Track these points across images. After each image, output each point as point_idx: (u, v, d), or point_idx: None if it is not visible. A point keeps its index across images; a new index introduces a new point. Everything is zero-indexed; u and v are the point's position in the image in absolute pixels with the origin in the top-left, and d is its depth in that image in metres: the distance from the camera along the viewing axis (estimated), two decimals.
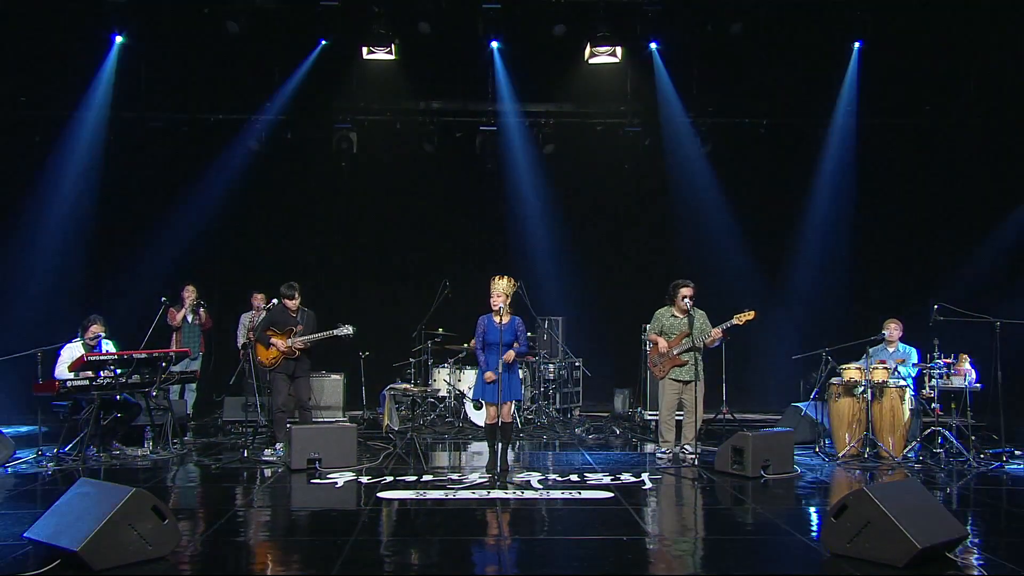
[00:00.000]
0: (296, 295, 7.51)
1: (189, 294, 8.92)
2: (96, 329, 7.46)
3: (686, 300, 7.30)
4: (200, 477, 6.64)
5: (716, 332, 7.17)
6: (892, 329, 7.83)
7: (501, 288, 6.51)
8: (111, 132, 10.22)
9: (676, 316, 7.44)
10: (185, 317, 8.85)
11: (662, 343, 7.36)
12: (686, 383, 7.32)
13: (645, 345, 7.61)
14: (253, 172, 10.82)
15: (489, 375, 6.48)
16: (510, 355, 6.53)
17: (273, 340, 7.45)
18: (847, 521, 4.24)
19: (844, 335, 7.89)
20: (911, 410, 7.32)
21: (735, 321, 7.11)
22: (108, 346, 7.57)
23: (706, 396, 7.45)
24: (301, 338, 7.42)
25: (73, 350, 7.32)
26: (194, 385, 8.79)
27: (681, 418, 7.49)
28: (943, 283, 9.82)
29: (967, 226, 10.63)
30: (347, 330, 7.49)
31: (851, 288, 10.95)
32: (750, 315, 7.08)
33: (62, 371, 7.13)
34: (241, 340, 9.30)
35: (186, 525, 4.98)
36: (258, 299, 9.17)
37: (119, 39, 9.60)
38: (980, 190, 10.41)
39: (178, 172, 10.77)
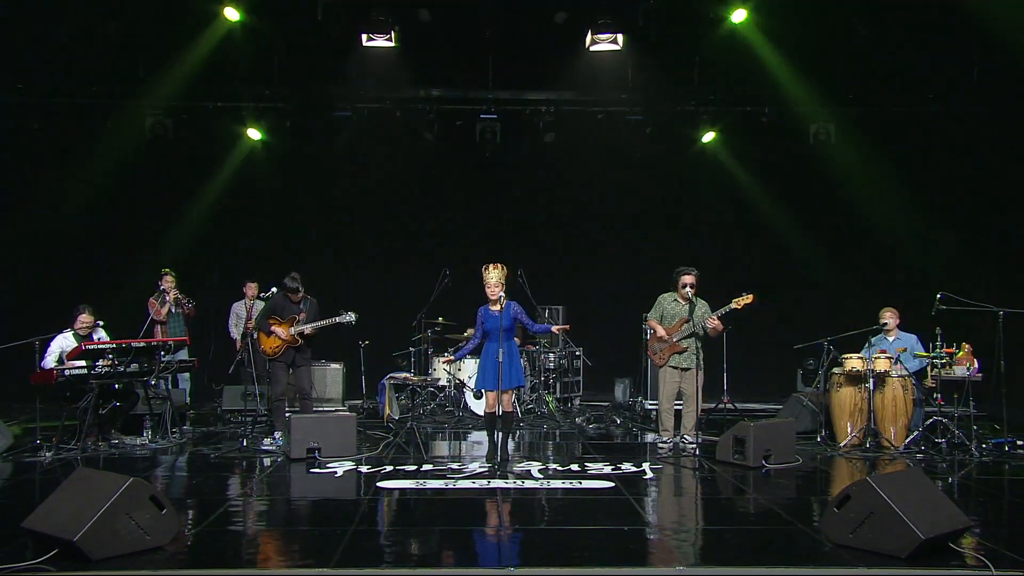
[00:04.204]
0: (300, 288, 7.47)
1: (168, 283, 8.80)
2: (85, 319, 7.39)
3: (687, 288, 7.28)
4: (199, 466, 6.59)
5: (712, 322, 7.12)
6: (888, 317, 7.76)
7: (495, 279, 6.45)
8: (108, 120, 10.16)
9: (678, 302, 7.42)
10: (170, 310, 8.77)
11: (660, 329, 7.35)
12: (685, 370, 7.30)
13: (645, 334, 7.60)
14: (252, 160, 10.77)
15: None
16: (560, 327, 7.13)
17: (275, 329, 7.41)
18: (850, 511, 4.20)
19: (846, 324, 7.85)
20: (913, 400, 7.30)
21: (733, 305, 7.07)
22: (101, 334, 7.52)
23: (706, 385, 7.42)
24: (302, 326, 7.39)
25: (64, 341, 7.26)
26: (187, 375, 8.75)
27: (680, 407, 7.46)
28: (943, 272, 9.78)
29: (967, 215, 10.57)
30: (349, 317, 7.47)
31: (852, 277, 10.90)
32: (748, 298, 7.03)
33: (49, 362, 7.11)
34: (233, 330, 9.24)
35: (184, 515, 4.95)
36: (251, 288, 9.08)
37: (113, 25, 9.55)
38: (980, 178, 10.35)
39: (175, 160, 10.72)
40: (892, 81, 10.10)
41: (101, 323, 7.55)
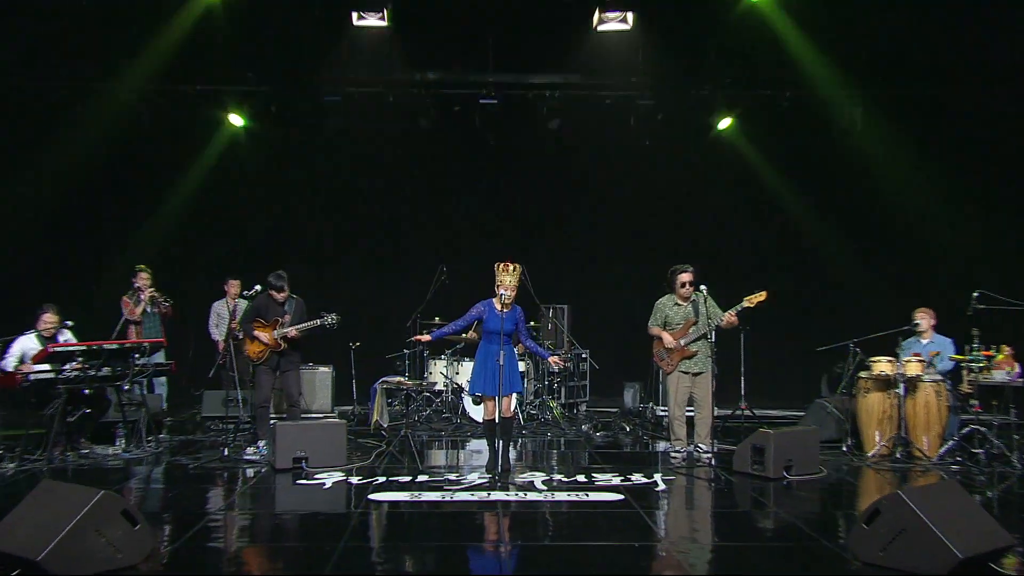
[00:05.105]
0: (285, 286, 7.43)
1: (143, 280, 8.77)
2: (49, 318, 7.36)
3: (686, 287, 7.25)
4: (176, 478, 6.56)
5: (729, 317, 7.07)
6: (921, 318, 7.74)
7: (509, 282, 6.48)
8: (77, 106, 10.11)
9: (679, 304, 7.38)
10: (145, 309, 8.74)
11: (667, 337, 7.30)
12: (696, 375, 7.25)
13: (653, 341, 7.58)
14: (234, 147, 10.73)
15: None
16: (556, 360, 7.00)
17: (257, 334, 7.37)
18: (880, 527, 4.17)
19: (873, 325, 7.80)
20: (948, 406, 7.25)
21: (745, 304, 7.02)
22: (68, 335, 7.49)
23: (722, 390, 7.38)
24: (286, 329, 7.35)
25: (27, 343, 7.24)
26: (164, 379, 8.74)
27: (692, 414, 7.43)
28: (982, 270, 9.71)
29: (1009, 206, 10.49)
30: (332, 319, 7.44)
31: (881, 275, 10.83)
32: (761, 296, 6.99)
33: (9, 364, 7.08)
34: (214, 331, 9.21)
35: (160, 530, 4.91)
36: (232, 286, 9.06)
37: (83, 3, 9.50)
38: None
39: (149, 148, 10.67)
40: (924, 61, 9.99)
41: (70, 323, 7.53)
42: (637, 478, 6.36)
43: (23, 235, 10.50)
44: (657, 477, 6.41)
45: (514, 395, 6.73)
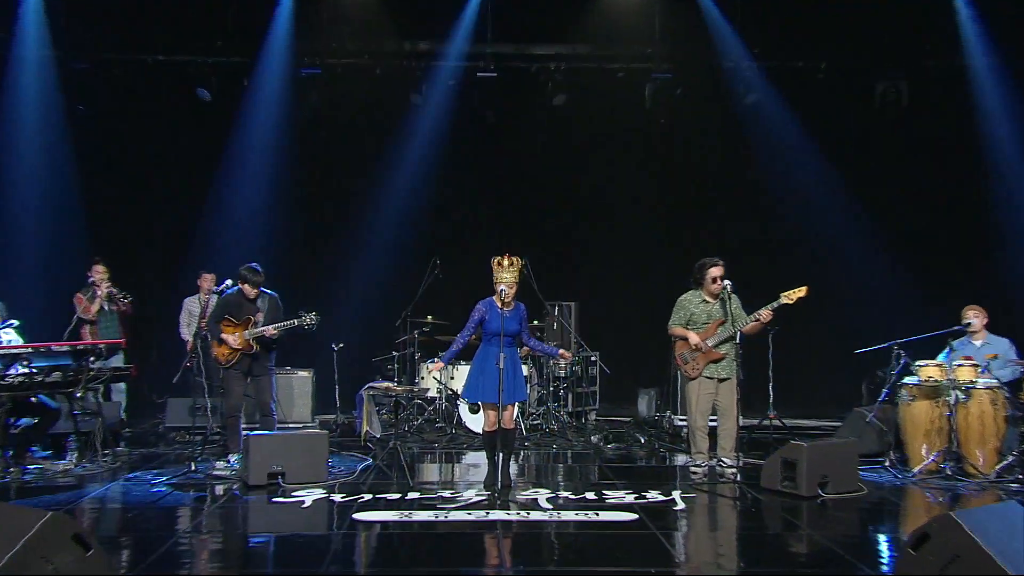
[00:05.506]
0: (261, 281, 7.40)
1: (99, 275, 8.73)
2: None
3: (717, 283, 7.24)
4: (136, 496, 6.52)
5: (765, 314, 7.04)
6: (972, 317, 7.73)
7: (509, 279, 6.48)
8: (22, 75, 10.05)
9: (707, 301, 7.39)
10: (101, 306, 8.70)
11: (693, 336, 7.30)
12: (722, 381, 7.26)
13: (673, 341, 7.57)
14: (201, 126, 10.69)
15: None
16: (567, 354, 7.00)
17: (225, 337, 7.33)
18: (929, 553, 4.11)
19: (918, 326, 7.77)
20: (1006, 417, 7.22)
21: (783, 300, 7.01)
22: (12, 335, 7.47)
23: (746, 397, 7.36)
24: (257, 330, 7.30)
25: None
26: (123, 385, 8.70)
27: (714, 424, 7.44)
28: None
29: None
30: (311, 319, 7.40)
31: (928, 268, 10.78)
32: (802, 291, 6.98)
33: None
34: (184, 331, 9.21)
35: (118, 556, 4.89)
36: (207, 280, 9.10)
37: None
38: None
39: (104, 124, 10.62)
40: (980, 29, 9.91)
41: (14, 322, 7.51)
42: (653, 496, 6.36)
43: None
44: (676, 495, 6.41)
45: (516, 404, 6.68)
